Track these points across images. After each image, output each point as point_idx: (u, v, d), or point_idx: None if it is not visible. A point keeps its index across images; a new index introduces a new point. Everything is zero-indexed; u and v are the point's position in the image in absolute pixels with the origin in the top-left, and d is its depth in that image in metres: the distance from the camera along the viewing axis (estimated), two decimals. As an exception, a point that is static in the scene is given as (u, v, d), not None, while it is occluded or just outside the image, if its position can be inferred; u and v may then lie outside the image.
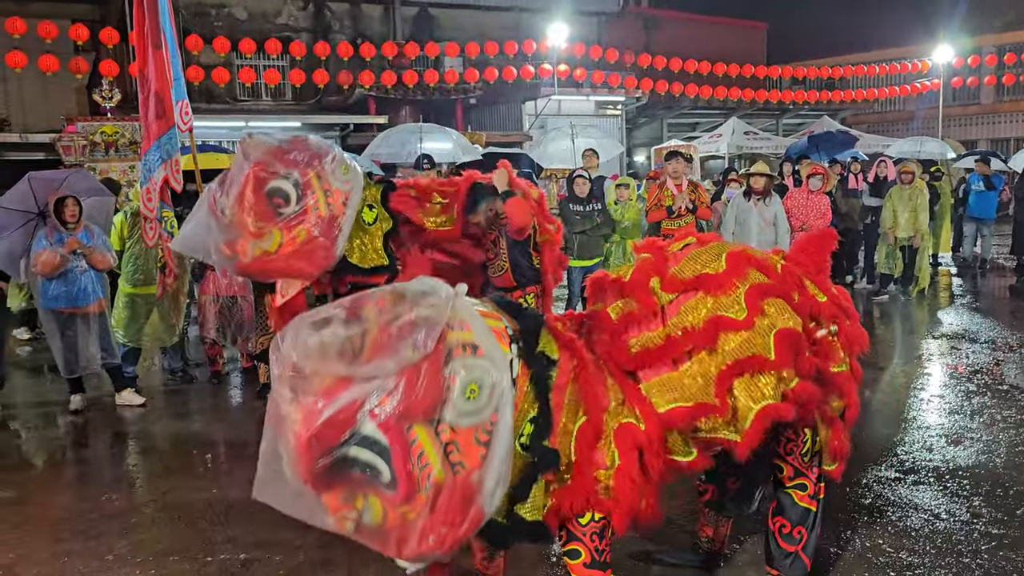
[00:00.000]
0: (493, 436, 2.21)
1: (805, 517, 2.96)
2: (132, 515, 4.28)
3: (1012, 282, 11.44)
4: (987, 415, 5.37)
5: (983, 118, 29.04)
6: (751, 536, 3.66)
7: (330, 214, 3.82)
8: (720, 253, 2.75)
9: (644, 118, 24.21)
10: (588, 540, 2.58)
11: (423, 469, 2.14)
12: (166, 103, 6.12)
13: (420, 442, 2.15)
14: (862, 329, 2.99)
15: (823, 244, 3.06)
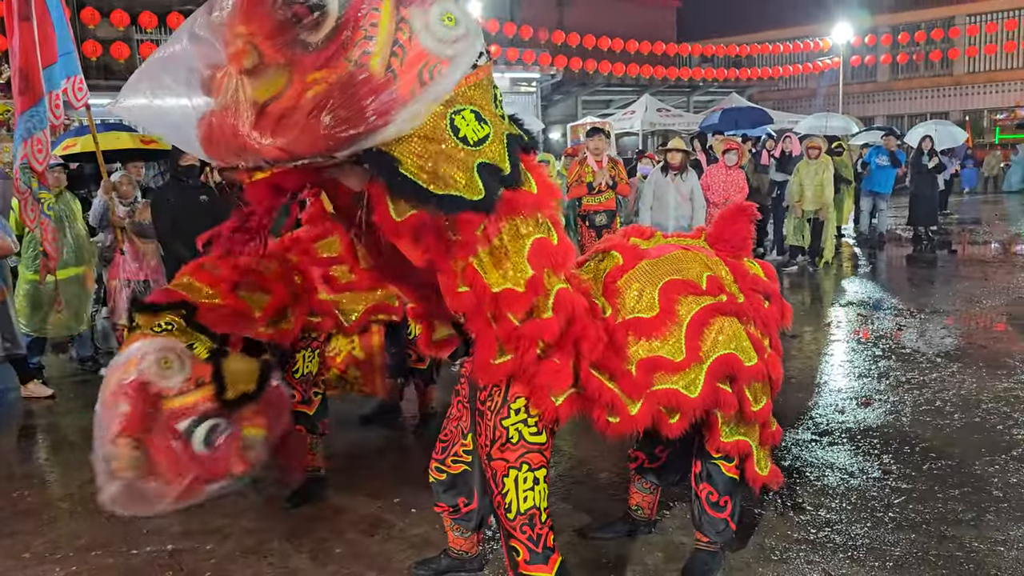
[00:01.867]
0: (434, 82, 2.05)
1: (731, 486, 3.04)
2: (47, 511, 4.09)
3: (910, 252, 12.05)
4: (892, 377, 5.66)
5: (880, 95, 30.41)
6: (680, 502, 3.77)
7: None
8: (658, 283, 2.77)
9: (558, 95, 24.35)
10: (519, 533, 2.57)
11: (364, 40, 1.98)
12: (31, 78, 5.79)
13: (380, 16, 1.99)
14: (785, 304, 3.09)
15: (742, 219, 3.13)
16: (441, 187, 2.13)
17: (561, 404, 2.48)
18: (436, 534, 3.51)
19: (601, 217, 8.06)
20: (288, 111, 1.96)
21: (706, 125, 17.56)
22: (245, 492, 4.03)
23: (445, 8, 2.06)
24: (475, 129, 2.19)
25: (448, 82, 2.08)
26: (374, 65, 1.98)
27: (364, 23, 1.98)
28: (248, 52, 1.97)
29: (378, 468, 4.41)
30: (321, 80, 1.96)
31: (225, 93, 2.02)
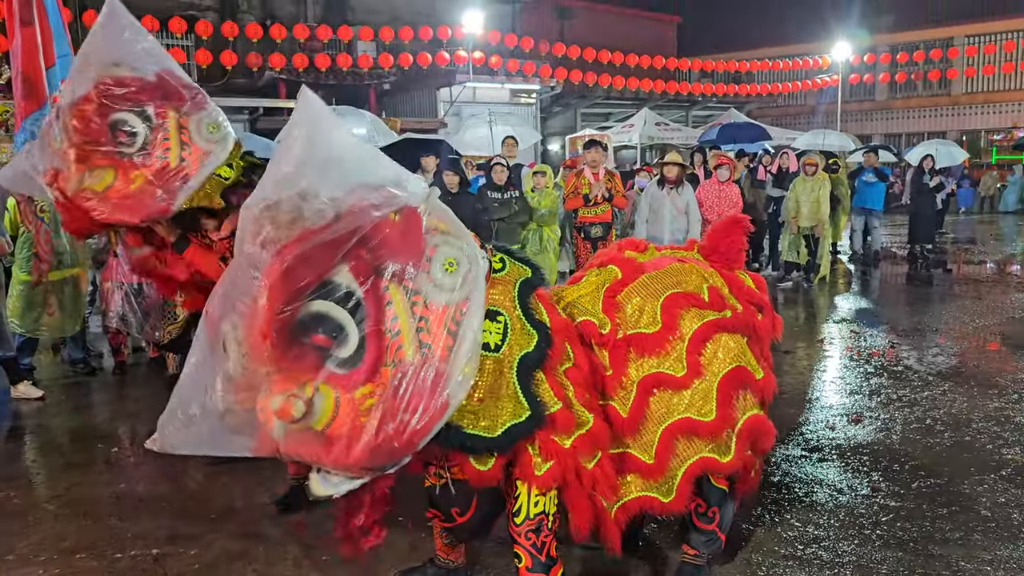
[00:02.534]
0: (462, 326, 2.15)
1: (720, 497, 3.03)
2: (33, 513, 4.07)
3: (905, 270, 12.08)
4: (884, 395, 5.66)
5: (878, 114, 30.55)
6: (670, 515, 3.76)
7: (180, 168, 3.31)
8: (660, 296, 2.80)
9: (558, 107, 24.42)
10: (524, 540, 2.57)
11: (394, 337, 2.06)
12: (34, 82, 5.83)
13: (394, 307, 2.07)
14: (776, 318, 3.10)
15: (734, 231, 3.13)
16: (498, 428, 2.33)
17: None
18: (424, 543, 3.49)
19: (597, 229, 8.08)
20: (353, 433, 2.06)
21: (704, 140, 17.62)
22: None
23: (442, 257, 2.15)
24: (496, 330, 2.34)
25: (476, 321, 2.19)
26: (409, 356, 2.07)
27: (387, 325, 2.07)
28: (292, 404, 2.04)
29: (367, 476, 4.39)
30: (369, 394, 2.06)
31: (279, 426, 2.11)
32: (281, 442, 2.10)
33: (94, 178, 3.18)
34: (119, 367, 6.81)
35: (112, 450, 5.01)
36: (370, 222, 2.10)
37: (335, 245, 2.08)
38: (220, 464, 4.63)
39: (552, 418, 2.41)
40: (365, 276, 2.07)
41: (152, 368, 6.90)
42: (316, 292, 2.07)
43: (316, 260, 2.07)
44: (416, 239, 2.13)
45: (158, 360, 6.84)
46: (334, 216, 2.08)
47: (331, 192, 2.09)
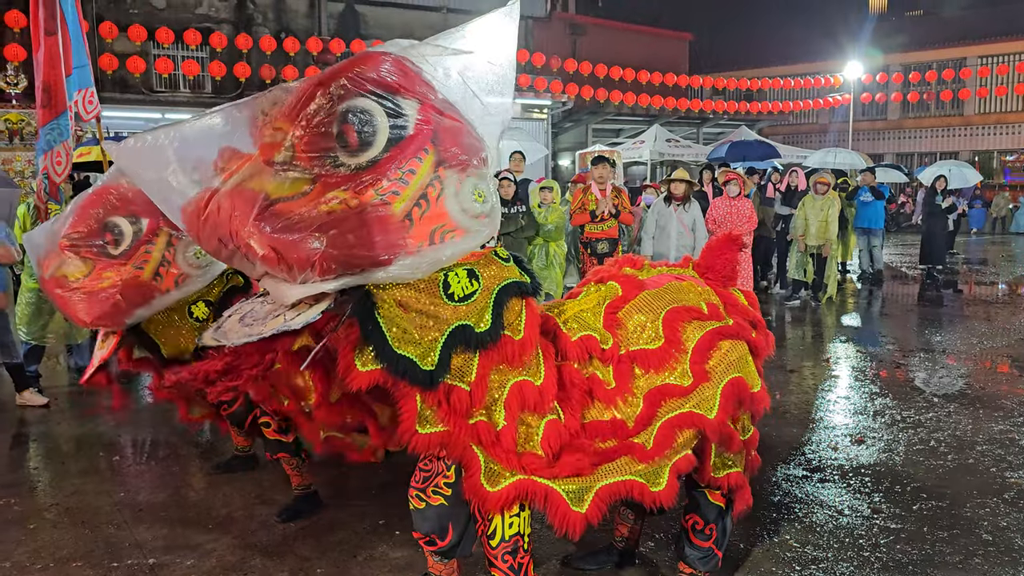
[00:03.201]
0: (442, 245, 2.17)
1: (716, 514, 3.03)
2: (32, 520, 4.09)
3: (913, 290, 12.02)
4: (888, 415, 5.62)
5: (890, 133, 30.50)
6: (666, 534, 3.74)
7: (150, 283, 3.54)
8: (660, 312, 2.79)
9: (569, 123, 24.49)
10: (500, 562, 2.56)
11: (398, 182, 2.09)
12: (52, 92, 5.91)
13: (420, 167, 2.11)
14: (768, 335, 3.09)
15: (729, 248, 3.13)
16: (403, 348, 2.23)
17: None
18: (419, 558, 3.48)
19: (603, 245, 8.07)
20: (296, 215, 2.03)
21: (714, 157, 17.63)
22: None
23: (479, 184, 2.20)
24: (465, 286, 2.31)
25: (454, 252, 2.20)
26: (396, 207, 2.09)
27: (403, 166, 2.10)
28: (284, 148, 2.05)
29: (364, 489, 4.39)
30: (342, 200, 2.05)
31: (238, 177, 2.08)
32: (222, 194, 2.06)
33: (71, 267, 3.42)
34: (124, 375, 6.83)
35: (114, 458, 5.03)
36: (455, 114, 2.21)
37: (426, 86, 2.18)
38: (221, 474, 4.65)
39: (448, 389, 2.31)
40: (424, 124, 2.12)
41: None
42: (383, 96, 2.10)
43: (407, 78, 2.15)
44: (474, 153, 2.21)
45: (163, 369, 6.87)
46: (439, 86, 2.23)
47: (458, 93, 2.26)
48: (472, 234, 2.24)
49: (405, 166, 2.10)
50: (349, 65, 2.15)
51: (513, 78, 2.35)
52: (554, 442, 2.48)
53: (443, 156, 2.16)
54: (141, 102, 17.38)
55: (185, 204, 2.17)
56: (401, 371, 2.23)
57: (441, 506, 2.76)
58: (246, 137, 2.12)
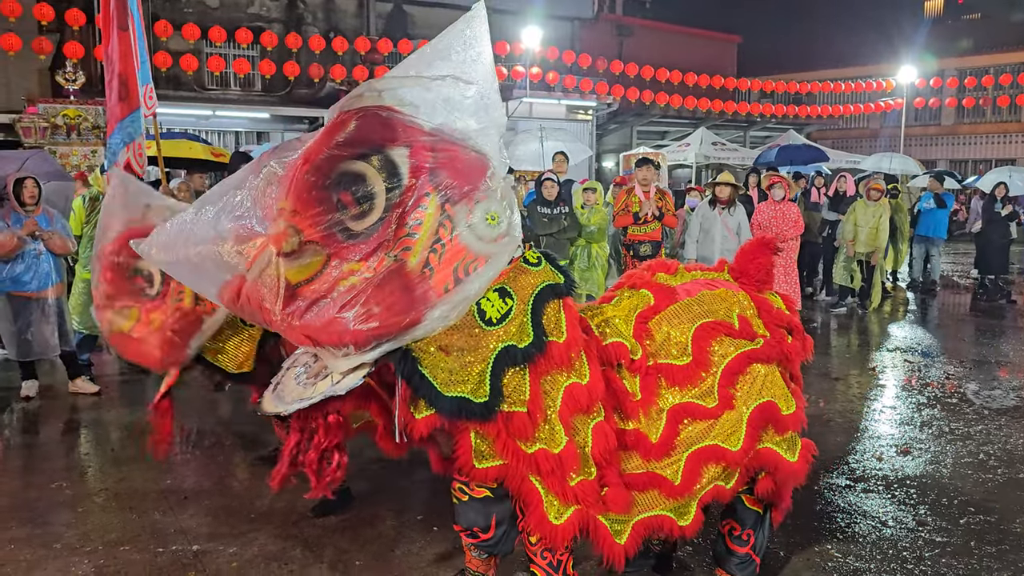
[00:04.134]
0: (467, 280, 2.14)
1: (755, 520, 3.00)
2: (82, 504, 4.21)
3: (966, 299, 11.72)
4: (936, 427, 5.50)
5: (943, 139, 29.78)
6: (703, 538, 3.71)
7: (194, 309, 3.54)
8: (690, 328, 2.77)
9: (614, 124, 24.36)
10: (540, 559, 2.57)
11: (407, 237, 2.05)
12: (130, 85, 6.04)
13: (425, 214, 2.06)
14: (807, 339, 3.05)
15: (764, 252, 3.10)
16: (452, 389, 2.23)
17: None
18: (455, 553, 3.51)
19: (646, 247, 8.02)
20: (319, 299, 2.04)
21: (762, 161, 17.39)
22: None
23: (490, 207, 2.16)
24: (499, 307, 2.29)
25: (482, 283, 2.18)
26: (412, 260, 2.06)
27: (409, 219, 2.07)
28: (289, 235, 2.04)
29: (404, 484, 4.43)
30: (357, 273, 2.04)
31: (259, 266, 2.11)
32: (249, 284, 2.07)
33: (120, 319, 3.47)
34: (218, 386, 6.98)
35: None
36: (447, 139, 2.14)
37: (409, 130, 2.11)
38: (264, 465, 4.73)
39: (507, 416, 2.31)
40: (418, 170, 2.08)
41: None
42: (370, 154, 2.08)
43: (388, 128, 2.10)
44: (476, 177, 2.15)
45: (210, 361, 7.00)
46: (425, 121, 2.16)
47: (441, 117, 2.17)
48: (495, 257, 2.21)
49: (411, 219, 2.08)
50: (328, 134, 2.12)
51: (496, 88, 2.28)
52: (602, 448, 2.48)
53: (446, 194, 2.13)
54: (193, 99, 17.74)
55: (219, 291, 2.23)
56: (456, 411, 2.24)
57: (486, 499, 2.78)
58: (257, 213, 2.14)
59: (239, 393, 6.29)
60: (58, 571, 3.47)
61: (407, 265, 2.05)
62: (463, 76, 2.21)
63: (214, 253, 2.16)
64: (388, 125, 2.11)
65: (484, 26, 2.27)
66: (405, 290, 2.05)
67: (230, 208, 2.17)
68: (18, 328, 5.91)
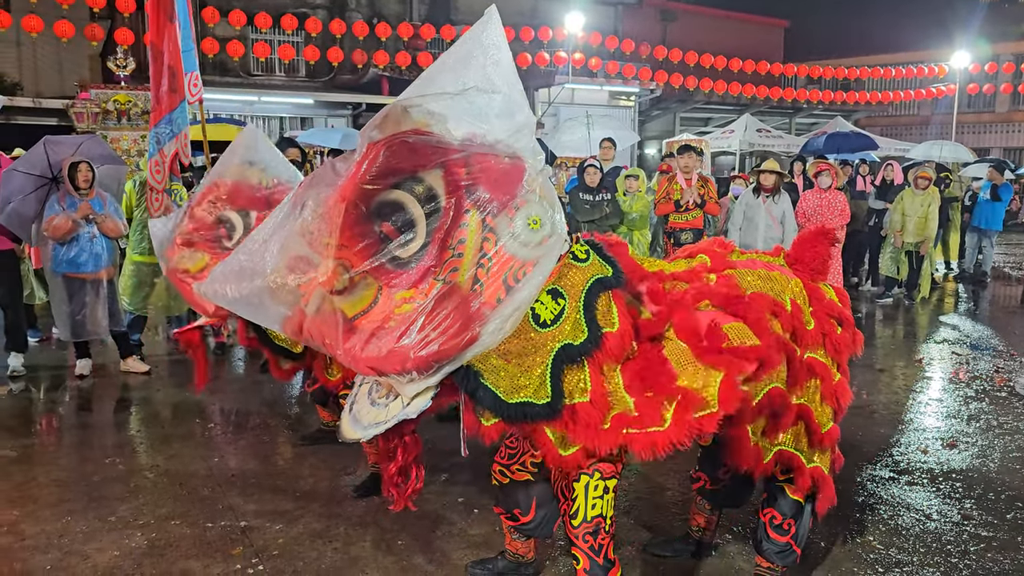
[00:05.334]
0: (518, 287, 2.14)
1: (795, 509, 2.99)
2: (134, 479, 4.34)
3: (1019, 292, 11.43)
4: (983, 420, 5.40)
5: (997, 126, 28.98)
6: (743, 526, 3.71)
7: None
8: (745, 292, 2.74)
9: (657, 111, 24.16)
10: (581, 542, 2.57)
11: (453, 258, 2.07)
12: (179, 77, 6.16)
13: (467, 231, 2.08)
14: (857, 333, 3.00)
15: (822, 241, 3.06)
16: (515, 396, 2.25)
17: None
18: (496, 536, 3.56)
19: (687, 235, 7.97)
20: (378, 330, 2.07)
21: (810, 149, 17.10)
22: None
23: (531, 212, 2.15)
24: (552, 309, 2.29)
25: (533, 287, 2.17)
26: (461, 281, 2.08)
27: (453, 240, 2.08)
28: (339, 273, 2.08)
29: (445, 467, 4.48)
30: (410, 300, 2.07)
31: (315, 301, 2.15)
32: (309, 320, 2.12)
33: (191, 260, 3.55)
34: (219, 347, 7.16)
35: (208, 425, 5.27)
36: (478, 151, 2.15)
37: (439, 151, 2.12)
38: (308, 446, 4.83)
39: (572, 409, 2.32)
40: (454, 189, 2.09)
41: (249, 351, 7.21)
42: (404, 182, 2.10)
43: (418, 154, 2.11)
44: (513, 185, 2.15)
45: (255, 343, 7.15)
46: (451, 139, 2.16)
47: (468, 126, 2.16)
48: (543, 261, 2.21)
49: (454, 239, 2.09)
50: (360, 168, 2.14)
51: (520, 89, 2.27)
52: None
53: (486, 208, 2.13)
54: (239, 85, 18.00)
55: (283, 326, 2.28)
56: (521, 416, 2.27)
57: (527, 482, 2.81)
58: (306, 247, 2.18)
59: (284, 375, 6.42)
60: (112, 543, 3.59)
61: (457, 285, 2.08)
62: (486, 86, 2.21)
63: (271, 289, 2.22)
64: (417, 151, 2.13)
65: (499, 29, 2.28)
66: (459, 311, 2.08)
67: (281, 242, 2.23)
68: (72, 309, 6.09)
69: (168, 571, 3.35)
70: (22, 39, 17.02)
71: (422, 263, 2.07)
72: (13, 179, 5.99)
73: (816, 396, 2.83)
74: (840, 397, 2.89)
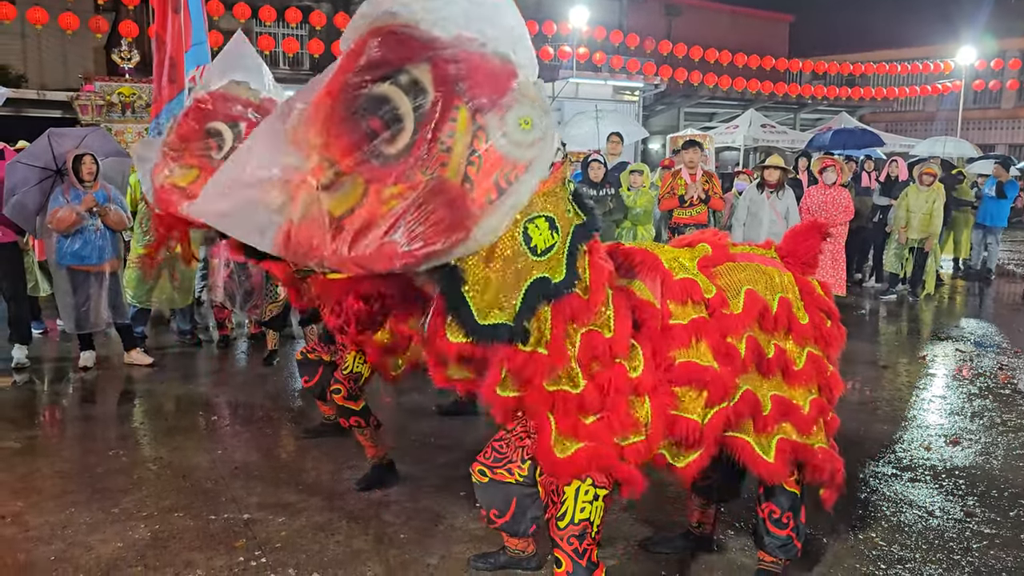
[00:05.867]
0: (511, 189, 2.08)
1: (793, 502, 2.99)
2: (137, 471, 4.35)
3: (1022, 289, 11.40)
4: (987, 418, 5.39)
5: (1003, 123, 28.87)
6: (743, 522, 3.70)
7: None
8: (740, 291, 2.78)
9: (661, 106, 24.10)
10: (566, 544, 2.53)
11: (442, 152, 2.01)
12: (179, 68, 6.17)
13: (457, 126, 2.02)
14: (840, 328, 3.02)
15: (814, 235, 3.07)
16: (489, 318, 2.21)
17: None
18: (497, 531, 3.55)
19: (691, 231, 7.92)
20: (365, 227, 2.01)
21: (816, 144, 17.05)
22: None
23: (522, 112, 2.08)
24: (546, 238, 2.25)
25: (525, 189, 2.11)
26: (451, 177, 2.01)
27: (441, 134, 2.01)
28: (324, 169, 2.02)
29: (446, 462, 4.49)
30: (398, 196, 2.00)
31: (302, 205, 2.08)
32: (295, 227, 2.06)
33: (180, 174, 3.40)
34: (223, 340, 7.17)
35: (212, 418, 5.29)
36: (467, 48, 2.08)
37: (428, 45, 2.06)
38: (311, 439, 4.84)
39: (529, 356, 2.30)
40: (443, 84, 2.03)
41: (253, 343, 7.23)
42: (393, 76, 2.04)
43: (406, 47, 2.05)
44: (503, 84, 2.08)
45: (258, 336, 7.16)
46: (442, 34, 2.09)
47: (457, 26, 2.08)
48: (535, 164, 2.13)
49: (443, 134, 2.03)
50: (346, 63, 2.09)
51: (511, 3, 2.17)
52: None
53: (475, 104, 2.06)
54: (243, 78, 17.96)
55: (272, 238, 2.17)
56: (489, 338, 2.23)
57: (506, 483, 2.83)
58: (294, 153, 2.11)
59: (288, 369, 6.44)
60: (116, 534, 3.60)
61: (446, 181, 2.01)
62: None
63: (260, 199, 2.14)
64: (405, 43, 2.06)
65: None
66: (449, 206, 2.01)
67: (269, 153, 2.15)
68: (76, 301, 6.10)
69: (171, 563, 3.36)
70: (27, 31, 17.02)
71: (410, 158, 2.01)
72: (17, 171, 6.00)
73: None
74: (833, 388, 2.94)
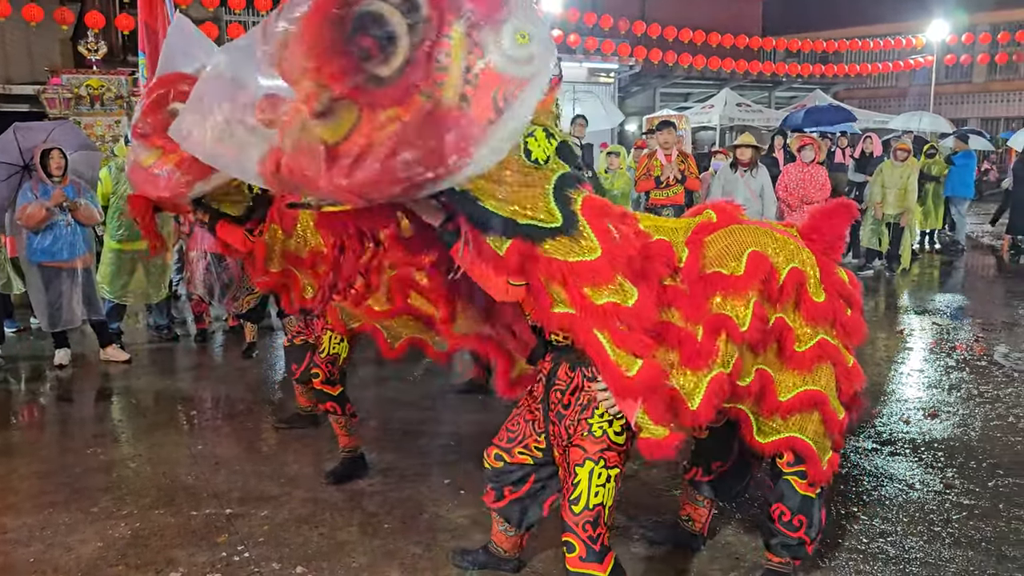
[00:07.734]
0: (511, 109, 1.98)
1: (806, 505, 2.88)
2: (116, 469, 4.30)
3: (996, 261, 11.53)
4: (964, 390, 5.45)
5: (975, 96, 29.14)
6: (740, 513, 3.72)
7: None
8: (743, 251, 2.57)
9: (636, 87, 24.06)
10: (580, 531, 2.51)
11: (438, 72, 1.92)
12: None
13: (452, 43, 1.92)
14: (860, 320, 2.84)
15: (841, 216, 2.90)
16: (523, 216, 2.15)
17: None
18: (481, 517, 3.54)
19: (669, 212, 7.95)
20: (362, 153, 1.92)
21: (789, 124, 17.12)
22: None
23: (518, 26, 1.99)
24: (545, 148, 2.20)
25: (527, 108, 2.02)
26: (448, 97, 1.92)
27: (437, 53, 1.92)
28: (318, 95, 1.92)
29: (429, 449, 4.48)
30: (394, 118, 1.91)
31: (292, 134, 1.98)
32: (286, 157, 1.98)
33: (144, 154, 3.50)
34: (200, 334, 7.09)
35: (191, 413, 5.23)
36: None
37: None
38: (287, 429, 4.80)
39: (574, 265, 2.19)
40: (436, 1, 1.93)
41: (231, 336, 7.16)
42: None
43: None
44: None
45: (236, 329, 7.09)
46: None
47: None
48: (534, 80, 2.03)
49: (438, 52, 1.93)
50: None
51: None
52: None
53: (470, 20, 1.96)
54: (214, 68, 17.72)
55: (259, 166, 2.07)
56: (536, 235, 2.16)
57: (524, 465, 2.83)
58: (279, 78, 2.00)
59: (267, 361, 6.38)
60: (96, 534, 3.55)
61: (443, 101, 1.92)
62: None
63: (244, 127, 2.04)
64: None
65: None
66: (448, 128, 1.92)
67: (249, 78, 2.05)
68: (49, 298, 6.00)
69: (152, 561, 3.33)
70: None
71: (405, 79, 1.91)
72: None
73: (832, 383, 2.72)
74: (855, 381, 2.79)
